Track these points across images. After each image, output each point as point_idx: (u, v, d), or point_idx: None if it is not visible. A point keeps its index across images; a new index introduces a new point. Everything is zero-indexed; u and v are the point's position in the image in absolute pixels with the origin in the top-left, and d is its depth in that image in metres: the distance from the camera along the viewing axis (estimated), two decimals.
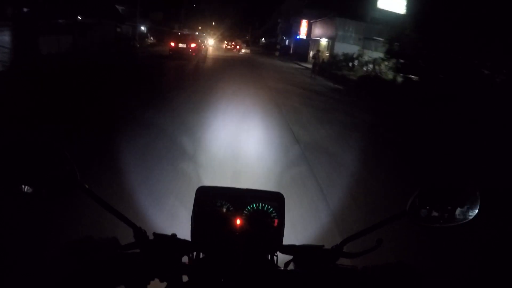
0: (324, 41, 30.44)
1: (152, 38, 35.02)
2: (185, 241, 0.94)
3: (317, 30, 31.13)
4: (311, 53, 29.78)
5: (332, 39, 28.32)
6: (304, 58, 32.26)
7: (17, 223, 2.96)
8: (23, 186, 0.83)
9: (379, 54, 20.47)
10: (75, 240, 0.80)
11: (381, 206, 4.12)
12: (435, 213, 0.91)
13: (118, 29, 26.75)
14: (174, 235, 0.93)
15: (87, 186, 0.85)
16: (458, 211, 0.90)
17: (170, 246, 0.91)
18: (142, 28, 32.92)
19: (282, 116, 8.84)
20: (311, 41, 32.57)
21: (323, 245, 0.97)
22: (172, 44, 22.35)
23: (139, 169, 4.35)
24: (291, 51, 43.92)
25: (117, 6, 28.45)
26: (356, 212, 4.04)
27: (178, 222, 3.11)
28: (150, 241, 0.91)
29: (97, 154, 4.87)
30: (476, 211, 0.89)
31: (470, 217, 0.89)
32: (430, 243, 3.42)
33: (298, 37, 35.17)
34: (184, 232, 1.00)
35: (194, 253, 0.97)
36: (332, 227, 3.61)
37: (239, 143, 6.11)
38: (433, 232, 2.73)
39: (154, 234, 0.92)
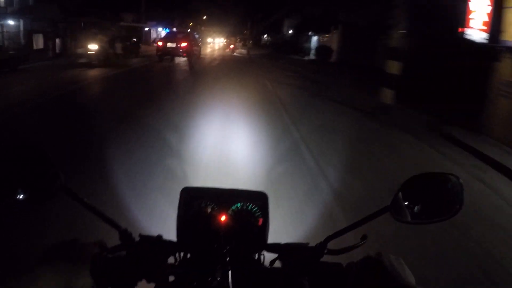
0: None
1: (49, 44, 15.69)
2: (171, 242, 0.96)
3: None
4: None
5: None
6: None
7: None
8: (6, 191, 0.84)
9: None
10: (60, 243, 0.82)
11: None
12: (419, 209, 0.90)
13: None
14: (159, 236, 0.95)
15: (71, 189, 0.86)
16: (442, 206, 0.89)
17: (156, 247, 0.92)
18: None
19: None
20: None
21: (308, 243, 0.97)
22: (160, 43, 20.24)
23: None
24: (335, 58, 25.05)
25: None
26: None
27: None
28: (136, 243, 0.92)
29: None
30: (459, 205, 0.86)
31: (454, 212, 0.87)
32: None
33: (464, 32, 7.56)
34: (170, 232, 1.00)
35: (180, 254, 0.97)
36: None
37: None
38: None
39: (140, 235, 0.94)
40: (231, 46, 36.15)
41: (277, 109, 8.92)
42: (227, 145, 5.70)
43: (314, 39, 32.22)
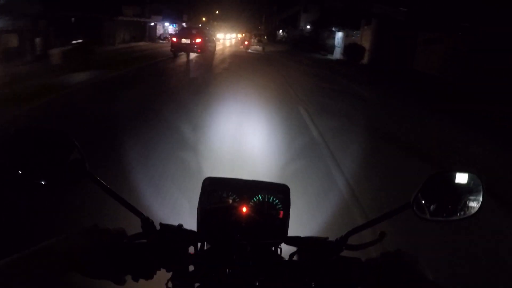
0: None
1: None
2: (191, 231, 0.97)
3: None
4: None
5: None
6: None
7: (24, 211, 3.21)
8: (33, 174, 0.86)
9: None
10: (81, 228, 0.83)
11: None
12: (440, 206, 0.93)
13: None
14: (180, 226, 0.95)
15: (95, 175, 0.88)
16: (462, 204, 0.92)
17: (177, 237, 0.93)
18: None
19: None
20: None
21: (327, 237, 0.98)
22: (175, 39, 20.24)
23: None
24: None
25: None
26: None
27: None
28: (157, 231, 0.94)
29: None
30: (479, 204, 0.90)
31: (474, 210, 0.91)
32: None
33: None
34: (190, 222, 1.01)
35: (200, 244, 0.99)
36: None
37: None
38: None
39: (161, 224, 0.95)
40: (246, 43, 33.36)
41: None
42: None
43: (339, 35, 28.70)
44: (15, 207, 3.25)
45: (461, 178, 0.91)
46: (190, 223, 0.99)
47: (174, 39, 20.17)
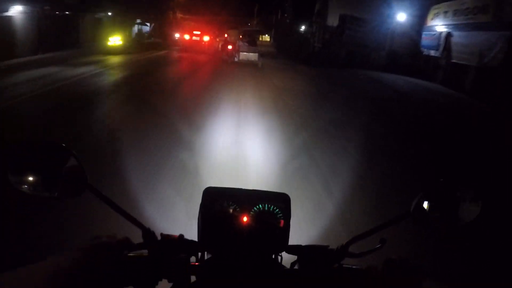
0: None
1: None
2: (192, 241, 1.00)
3: None
4: None
5: None
6: None
7: (25, 221, 3.16)
8: (35, 185, 0.88)
9: None
10: (84, 238, 0.84)
11: None
12: (439, 214, 0.95)
13: None
14: (181, 236, 0.97)
15: (96, 187, 0.90)
16: (461, 211, 0.94)
17: (178, 247, 0.95)
18: None
19: None
20: None
21: (328, 245, 1.02)
22: (187, 37, 24.81)
23: None
24: None
25: None
26: None
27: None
28: (158, 242, 0.96)
29: None
30: (478, 210, 0.92)
31: (473, 217, 0.92)
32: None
33: None
34: (191, 232, 1.04)
35: (201, 254, 1.01)
36: None
37: None
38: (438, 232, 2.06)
39: (162, 235, 0.97)
40: (229, 47, 20.87)
41: None
42: None
43: None
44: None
45: (461, 186, 0.93)
46: (191, 233, 1.02)
47: (187, 37, 25.08)
